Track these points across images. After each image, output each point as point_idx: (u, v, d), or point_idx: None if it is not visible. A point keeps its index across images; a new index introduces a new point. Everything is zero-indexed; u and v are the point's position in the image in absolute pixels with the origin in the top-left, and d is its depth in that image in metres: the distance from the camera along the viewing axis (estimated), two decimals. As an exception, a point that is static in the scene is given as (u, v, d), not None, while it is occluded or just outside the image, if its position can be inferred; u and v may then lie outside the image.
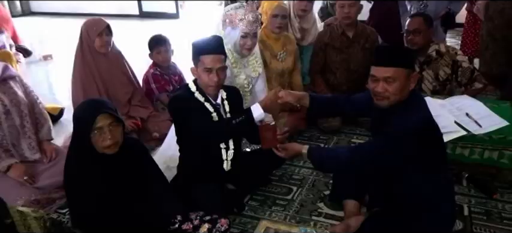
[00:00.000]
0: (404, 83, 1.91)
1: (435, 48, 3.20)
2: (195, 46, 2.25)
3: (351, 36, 3.52)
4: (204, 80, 2.22)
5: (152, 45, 3.53)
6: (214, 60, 2.21)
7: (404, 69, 1.91)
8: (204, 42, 2.24)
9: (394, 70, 1.90)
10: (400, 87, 1.91)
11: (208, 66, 2.19)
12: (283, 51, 3.43)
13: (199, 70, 2.22)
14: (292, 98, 2.30)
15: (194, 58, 2.25)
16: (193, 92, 2.27)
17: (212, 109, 2.28)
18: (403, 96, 1.94)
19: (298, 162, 3.06)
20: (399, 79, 1.90)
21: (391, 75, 1.90)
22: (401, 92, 1.93)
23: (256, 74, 3.01)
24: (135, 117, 3.29)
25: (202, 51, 2.20)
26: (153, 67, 3.54)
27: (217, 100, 2.32)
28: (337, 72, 3.62)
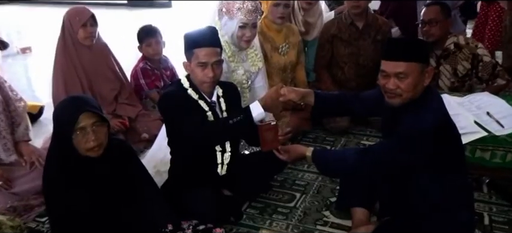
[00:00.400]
0: (417, 79, 1.91)
1: (453, 41, 3.21)
2: (188, 38, 2.25)
3: (360, 27, 3.53)
4: (198, 76, 2.23)
5: (142, 37, 3.53)
6: (209, 54, 2.21)
7: (418, 63, 1.91)
8: (198, 34, 2.24)
9: (406, 65, 1.90)
10: (414, 83, 1.91)
11: (203, 61, 2.20)
12: (286, 44, 3.44)
13: (193, 65, 2.23)
14: (296, 96, 2.30)
15: (187, 51, 2.25)
16: (186, 89, 2.28)
17: (207, 108, 2.28)
18: (417, 93, 1.95)
19: (301, 166, 3.06)
20: (412, 75, 1.90)
21: (403, 70, 1.90)
22: (415, 89, 1.93)
23: (255, 69, 3.01)
24: (122, 116, 3.29)
25: (196, 43, 2.21)
26: (143, 61, 3.55)
27: (212, 98, 2.33)
28: (345, 67, 3.63)
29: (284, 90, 2.29)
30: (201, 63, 2.20)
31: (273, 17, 3.34)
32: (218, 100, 2.36)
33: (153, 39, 3.51)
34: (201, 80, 2.23)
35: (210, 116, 2.28)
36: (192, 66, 2.24)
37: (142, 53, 3.57)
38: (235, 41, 2.80)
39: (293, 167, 3.03)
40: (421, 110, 1.91)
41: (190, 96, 2.27)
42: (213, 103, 2.33)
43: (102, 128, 1.95)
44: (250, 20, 2.73)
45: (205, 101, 2.30)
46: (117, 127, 3.18)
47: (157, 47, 3.54)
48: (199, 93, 2.29)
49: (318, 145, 3.39)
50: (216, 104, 2.35)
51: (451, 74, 3.24)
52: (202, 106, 2.28)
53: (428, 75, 1.95)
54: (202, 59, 2.20)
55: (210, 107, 2.30)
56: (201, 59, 2.20)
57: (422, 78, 1.93)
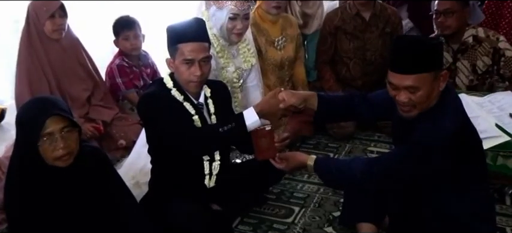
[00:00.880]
0: (431, 88, 1.91)
1: (472, 33, 3.22)
2: (171, 32, 2.24)
3: (367, 18, 3.55)
4: (184, 75, 2.22)
5: (118, 30, 3.52)
6: (197, 50, 2.20)
7: (429, 73, 1.90)
8: (183, 27, 2.23)
9: (415, 78, 1.89)
10: (427, 93, 1.91)
11: (189, 58, 2.19)
12: (282, 37, 3.44)
13: (177, 62, 2.22)
14: (296, 100, 2.26)
15: (170, 47, 2.25)
16: (170, 89, 2.27)
17: (193, 111, 2.27)
18: (433, 100, 1.95)
19: (301, 176, 3.06)
20: (424, 86, 1.90)
21: (413, 83, 1.89)
22: (430, 98, 1.93)
23: (248, 66, 3.01)
24: (95, 120, 3.28)
25: (181, 38, 2.20)
26: (119, 57, 3.54)
27: (199, 99, 2.32)
28: (350, 63, 3.64)
29: (282, 95, 2.25)
30: (187, 60, 2.19)
31: (267, 7, 3.34)
32: (206, 101, 2.36)
33: (131, 32, 3.50)
34: (187, 79, 2.22)
35: (197, 121, 2.27)
36: (176, 63, 2.23)
37: (118, 48, 3.56)
38: (224, 34, 2.79)
39: (291, 178, 3.02)
40: (438, 116, 1.92)
41: (174, 97, 2.26)
42: (200, 105, 2.32)
43: (72, 134, 1.93)
44: (241, 10, 2.73)
45: (191, 103, 2.29)
46: (90, 132, 3.16)
47: (136, 41, 3.53)
48: (185, 94, 2.28)
49: (320, 152, 3.39)
50: (203, 106, 2.34)
51: (469, 71, 3.25)
52: (187, 109, 2.27)
53: (443, 79, 1.94)
54: (188, 56, 2.19)
55: (197, 109, 2.29)
56: (186, 55, 2.19)
57: (436, 85, 1.93)
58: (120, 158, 3.11)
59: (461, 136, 1.90)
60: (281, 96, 2.25)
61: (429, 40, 2.02)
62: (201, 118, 2.29)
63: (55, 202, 1.95)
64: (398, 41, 2.03)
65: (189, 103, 2.28)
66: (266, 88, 3.38)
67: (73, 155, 1.95)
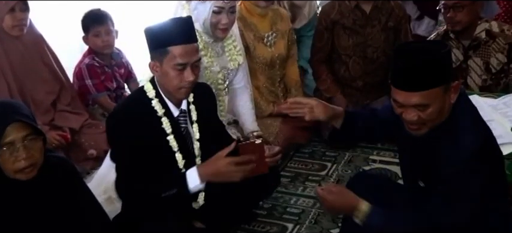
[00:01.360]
0: (441, 102, 1.91)
1: (485, 28, 3.25)
2: (158, 33, 2.22)
3: (367, 11, 3.57)
4: (174, 81, 2.21)
5: (88, 25, 3.52)
6: (189, 53, 2.20)
7: (438, 87, 1.88)
8: (173, 28, 2.21)
9: (423, 94, 1.88)
10: (438, 109, 1.91)
11: (182, 62, 2.18)
12: (272, 33, 3.46)
13: (166, 67, 2.20)
14: (325, 116, 2.24)
15: (155, 50, 2.23)
16: (151, 100, 2.27)
17: (169, 129, 2.27)
18: (445, 114, 1.95)
19: (294, 188, 3.08)
20: (434, 102, 1.89)
21: (421, 101, 1.89)
22: (441, 113, 1.93)
23: (234, 65, 3.02)
24: (62, 127, 3.27)
25: (171, 39, 2.19)
26: (89, 56, 3.54)
27: (181, 106, 2.32)
28: (349, 62, 3.67)
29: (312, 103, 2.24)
30: (180, 65, 2.19)
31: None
32: (188, 107, 2.36)
33: (103, 27, 3.50)
34: (178, 85, 2.22)
35: (172, 141, 2.28)
36: (164, 68, 2.21)
37: (88, 46, 3.56)
38: (208, 30, 2.80)
39: (284, 191, 3.04)
40: (458, 134, 1.91)
41: (154, 110, 2.26)
42: (181, 117, 2.32)
43: (35, 143, 1.92)
44: (226, 2, 2.74)
45: (171, 117, 2.29)
46: (56, 141, 3.16)
47: (108, 37, 3.53)
48: (166, 106, 2.28)
49: (317, 161, 3.41)
50: (186, 114, 2.34)
51: (482, 70, 3.28)
52: (164, 128, 2.27)
53: (455, 90, 1.94)
54: (180, 60, 2.18)
55: (174, 126, 2.29)
56: (179, 59, 2.18)
57: (447, 98, 1.92)
58: (90, 170, 3.11)
59: (484, 149, 1.91)
60: (310, 105, 2.24)
61: (435, 48, 1.97)
62: (177, 136, 2.29)
63: (16, 220, 1.94)
64: (400, 53, 1.97)
65: (168, 118, 2.28)
66: (255, 90, 3.40)
67: (37, 166, 1.94)
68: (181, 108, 2.33)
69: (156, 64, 2.24)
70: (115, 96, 3.60)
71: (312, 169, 3.36)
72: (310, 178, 3.25)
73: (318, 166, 3.37)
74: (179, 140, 2.30)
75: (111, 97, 3.55)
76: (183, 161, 2.31)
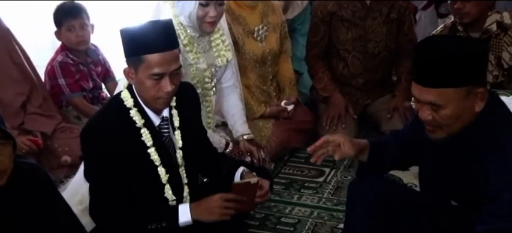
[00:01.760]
0: (460, 107, 1.88)
1: (496, 19, 3.29)
2: (133, 38, 2.19)
3: (368, 1, 3.58)
4: (150, 92, 2.20)
5: (60, 19, 3.51)
6: (167, 61, 2.18)
7: (457, 89, 1.85)
8: (148, 34, 2.17)
9: (437, 92, 1.86)
10: (455, 114, 1.89)
11: (159, 72, 2.16)
12: (263, 26, 3.49)
13: (142, 76, 2.18)
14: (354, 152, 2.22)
15: (131, 56, 2.20)
16: (129, 109, 2.26)
17: (150, 141, 2.27)
18: (469, 121, 1.92)
19: (289, 197, 3.09)
20: (450, 104, 1.87)
21: (435, 99, 1.87)
22: (460, 120, 1.91)
23: (223, 62, 3.02)
24: (33, 132, 3.27)
25: (147, 47, 2.16)
26: (63, 53, 3.53)
27: (163, 113, 2.33)
28: (348, 58, 3.69)
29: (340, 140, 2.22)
30: (156, 75, 2.17)
31: (244, -12, 3.39)
32: (170, 113, 2.36)
33: (77, 21, 3.50)
34: (155, 96, 2.21)
35: (154, 154, 2.28)
36: (140, 77, 2.19)
37: (61, 42, 3.56)
38: (194, 24, 2.81)
39: (278, 199, 3.05)
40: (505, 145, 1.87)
41: (132, 121, 2.26)
42: (164, 123, 2.33)
43: (4, 148, 1.92)
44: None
45: (151, 128, 2.29)
46: (26, 146, 3.15)
47: (83, 32, 3.52)
48: (146, 115, 2.29)
49: (313, 167, 3.42)
50: (168, 122, 2.34)
51: (493, 65, 3.31)
52: (144, 140, 2.27)
53: (481, 98, 1.88)
54: (157, 69, 2.16)
55: (155, 137, 2.29)
56: (155, 69, 2.15)
57: (469, 105, 1.88)
58: (64, 179, 3.10)
59: None
60: (338, 141, 2.22)
61: (468, 46, 1.93)
62: (159, 148, 2.30)
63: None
64: (426, 43, 1.98)
65: (148, 129, 2.28)
66: (245, 89, 3.41)
67: (6, 174, 1.93)
68: (163, 116, 2.32)
69: (131, 71, 2.21)
70: (91, 97, 3.59)
71: (309, 175, 3.38)
72: (307, 185, 3.27)
73: (314, 172, 3.39)
74: (161, 152, 2.30)
75: (86, 98, 3.55)
76: (167, 175, 2.31)
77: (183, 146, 2.36)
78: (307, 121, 3.68)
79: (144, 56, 2.15)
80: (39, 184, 2.11)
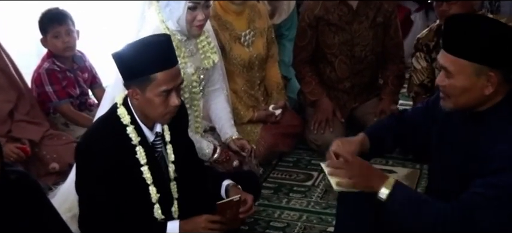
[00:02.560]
0: (468, 83, 1.93)
1: (482, 22, 3.31)
2: (137, 60, 2.18)
3: (354, 6, 3.60)
4: (160, 108, 2.22)
5: (46, 26, 3.50)
6: (175, 76, 2.22)
7: (470, 62, 1.91)
8: (154, 52, 2.17)
9: (451, 59, 1.94)
10: (461, 87, 1.94)
11: (168, 88, 2.19)
12: (250, 31, 3.50)
13: (151, 94, 2.19)
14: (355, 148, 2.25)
15: (137, 77, 2.20)
16: (126, 126, 2.27)
17: (144, 159, 2.28)
18: (477, 102, 1.97)
19: (278, 200, 3.10)
20: (459, 75, 1.94)
21: (447, 65, 1.95)
22: (465, 95, 1.96)
23: (209, 64, 3.00)
24: (20, 139, 3.26)
25: (158, 66, 2.17)
26: (49, 60, 3.52)
27: (156, 128, 2.33)
28: (335, 62, 3.71)
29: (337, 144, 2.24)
30: (166, 92, 2.19)
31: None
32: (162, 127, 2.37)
33: (63, 27, 3.49)
34: (164, 112, 2.23)
35: (146, 173, 2.29)
36: (148, 96, 2.20)
37: (47, 49, 3.54)
38: (183, 28, 2.81)
39: (267, 203, 3.06)
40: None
41: (128, 138, 2.26)
42: (158, 139, 2.34)
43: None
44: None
45: (146, 145, 2.30)
46: (14, 154, 3.14)
47: (69, 38, 3.51)
48: (142, 133, 2.30)
49: (302, 171, 3.44)
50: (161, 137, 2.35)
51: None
52: (138, 159, 2.28)
53: (492, 82, 1.91)
54: (166, 86, 2.18)
55: (149, 154, 2.30)
56: (164, 86, 2.17)
57: (479, 85, 1.93)
58: (52, 186, 3.08)
59: None
60: (336, 145, 2.25)
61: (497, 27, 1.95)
62: (152, 166, 2.30)
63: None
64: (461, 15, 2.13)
65: (142, 147, 2.29)
66: (233, 94, 3.42)
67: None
68: (157, 132, 2.33)
69: (136, 91, 2.21)
70: (78, 104, 3.59)
71: (297, 179, 3.39)
72: (295, 188, 3.28)
73: (303, 176, 3.40)
74: (154, 169, 2.31)
75: (74, 105, 3.54)
76: (157, 195, 2.32)
77: (175, 160, 2.38)
78: (295, 125, 3.69)
79: (153, 75, 2.16)
80: (28, 192, 2.11)
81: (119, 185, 2.24)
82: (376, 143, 2.34)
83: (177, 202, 2.41)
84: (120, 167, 2.23)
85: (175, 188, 2.41)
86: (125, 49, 2.21)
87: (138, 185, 2.29)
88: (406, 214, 2.01)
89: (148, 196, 2.31)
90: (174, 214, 2.41)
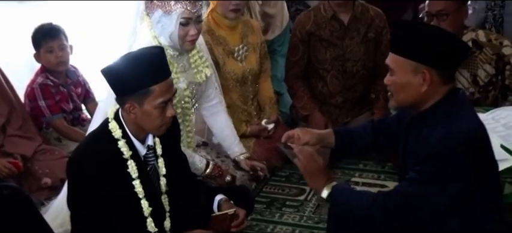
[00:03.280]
0: (406, 80, 2.09)
1: (471, 37, 3.33)
2: (134, 74, 2.18)
3: (346, 21, 3.63)
4: (157, 120, 2.24)
5: (39, 41, 3.51)
6: (170, 87, 2.25)
7: (407, 60, 2.07)
8: (151, 66, 2.19)
9: (393, 57, 2.13)
10: (401, 84, 2.11)
11: (165, 99, 2.22)
12: (243, 46, 3.53)
13: (149, 107, 2.20)
14: (310, 138, 2.42)
15: (135, 92, 2.20)
16: (117, 140, 2.27)
17: (136, 172, 2.29)
18: (416, 100, 2.11)
19: (270, 215, 3.10)
20: (398, 72, 2.11)
21: (390, 63, 2.14)
22: (403, 92, 2.12)
23: (202, 78, 3.00)
24: (12, 154, 3.25)
25: (156, 77, 2.20)
26: (42, 74, 3.52)
27: (148, 141, 2.34)
28: (327, 77, 3.73)
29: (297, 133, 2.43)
30: (163, 103, 2.21)
31: (224, 10, 3.41)
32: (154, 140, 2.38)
33: (55, 42, 3.50)
34: (161, 123, 2.25)
35: (137, 187, 2.29)
36: (145, 109, 2.21)
37: (40, 64, 3.55)
38: (175, 43, 2.81)
39: (259, 218, 3.06)
40: (450, 120, 2.04)
41: (120, 153, 2.27)
42: (150, 152, 2.35)
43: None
44: (194, 12, 2.76)
45: (137, 159, 2.31)
46: (6, 169, 3.13)
47: (62, 53, 3.52)
48: (133, 147, 2.31)
49: (294, 185, 3.45)
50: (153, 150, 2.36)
51: (469, 82, 3.36)
52: (130, 173, 2.29)
53: (425, 80, 2.06)
54: (163, 98, 2.20)
55: (140, 168, 2.31)
56: (161, 98, 2.20)
57: (416, 82, 2.08)
58: (45, 201, 3.07)
59: (478, 149, 2.04)
60: (297, 135, 2.41)
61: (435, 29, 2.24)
62: (144, 180, 2.31)
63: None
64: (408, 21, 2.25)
65: (134, 161, 2.30)
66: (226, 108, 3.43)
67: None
68: (149, 145, 2.34)
69: (133, 105, 2.21)
70: (71, 119, 3.59)
71: (290, 193, 3.40)
72: (288, 203, 3.29)
73: (295, 191, 3.41)
74: (145, 183, 2.32)
75: (67, 119, 3.54)
76: (149, 209, 2.32)
77: (167, 173, 2.39)
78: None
79: (152, 88, 2.18)
80: (21, 207, 2.12)
81: (111, 199, 2.24)
82: (345, 142, 2.49)
83: (169, 215, 2.41)
84: (112, 181, 2.23)
85: (167, 202, 2.41)
86: (117, 64, 2.21)
87: (130, 199, 2.29)
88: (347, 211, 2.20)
89: (140, 209, 2.31)
90: (166, 228, 2.40)
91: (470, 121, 2.09)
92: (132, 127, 2.27)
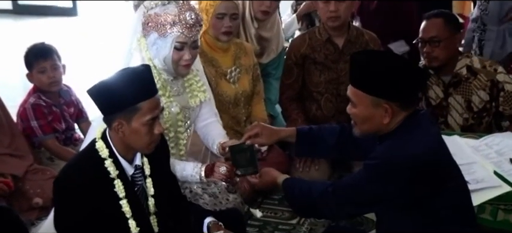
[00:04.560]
0: (368, 113, 2.16)
1: (466, 64, 3.36)
2: (122, 91, 2.20)
3: (340, 45, 3.65)
4: (145, 138, 2.24)
5: (31, 61, 3.52)
6: (156, 104, 2.26)
7: (367, 95, 2.13)
8: (138, 82, 2.21)
9: (353, 91, 2.18)
10: (364, 116, 2.18)
11: (153, 116, 2.23)
12: (235, 68, 3.54)
13: (137, 125, 2.21)
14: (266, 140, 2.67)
15: (121, 109, 2.21)
16: (104, 160, 2.28)
17: (123, 192, 2.28)
18: (378, 128, 2.18)
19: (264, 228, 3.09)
20: (360, 105, 2.17)
21: (350, 95, 2.20)
22: (367, 124, 2.19)
23: (196, 103, 2.99)
24: (4, 174, 3.24)
25: (144, 94, 2.21)
26: (35, 94, 3.53)
27: (135, 161, 2.35)
28: (321, 100, 3.74)
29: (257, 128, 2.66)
30: (151, 120, 2.23)
31: (216, 32, 3.43)
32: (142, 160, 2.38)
33: (48, 62, 3.51)
34: (149, 141, 2.26)
35: (125, 206, 2.30)
36: (134, 127, 2.21)
37: (33, 84, 3.56)
38: (169, 67, 2.81)
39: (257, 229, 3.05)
40: (401, 139, 2.14)
41: (107, 172, 2.26)
42: (137, 172, 2.35)
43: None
44: (189, 37, 2.75)
45: (124, 179, 2.31)
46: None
47: (55, 73, 3.53)
48: (120, 166, 2.31)
49: (287, 209, 3.44)
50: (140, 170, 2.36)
51: (463, 108, 3.38)
52: (117, 192, 2.28)
53: (387, 113, 2.12)
54: (150, 115, 2.22)
55: (128, 189, 2.30)
56: (148, 115, 2.21)
57: (378, 114, 2.14)
58: (35, 221, 3.08)
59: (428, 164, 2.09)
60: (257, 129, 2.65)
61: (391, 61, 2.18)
62: (131, 200, 2.31)
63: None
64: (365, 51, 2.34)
65: (121, 180, 2.29)
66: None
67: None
68: (136, 165, 2.35)
69: (122, 123, 2.21)
70: (64, 138, 3.60)
71: (282, 217, 3.39)
72: (280, 227, 3.28)
73: (288, 214, 3.40)
74: (133, 203, 2.31)
75: (59, 139, 3.55)
76: (137, 229, 2.31)
77: (155, 193, 2.38)
78: (280, 162, 3.67)
79: (139, 104, 2.20)
80: (11, 227, 2.11)
81: (98, 219, 2.22)
82: (305, 143, 2.64)
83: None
84: (99, 201, 2.23)
85: (156, 223, 2.40)
86: (104, 83, 2.22)
87: (117, 219, 2.28)
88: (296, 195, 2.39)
89: (128, 230, 2.30)
90: None
91: (421, 143, 2.12)
92: (120, 146, 2.27)
